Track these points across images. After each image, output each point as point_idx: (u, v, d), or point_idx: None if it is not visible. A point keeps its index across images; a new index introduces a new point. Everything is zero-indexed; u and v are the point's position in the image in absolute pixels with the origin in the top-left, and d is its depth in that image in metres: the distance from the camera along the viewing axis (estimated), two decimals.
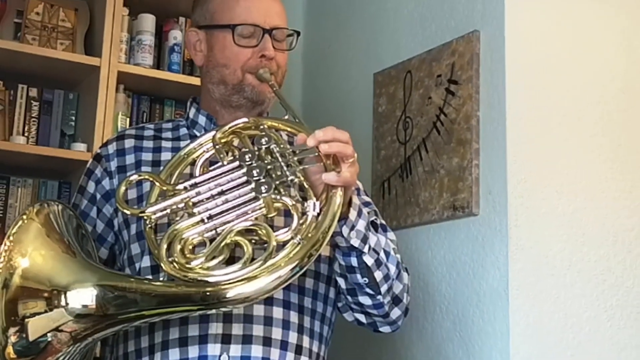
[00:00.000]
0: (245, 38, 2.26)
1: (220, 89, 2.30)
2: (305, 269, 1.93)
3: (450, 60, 2.98)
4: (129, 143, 2.33)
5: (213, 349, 2.10)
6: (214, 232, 1.98)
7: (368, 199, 2.38)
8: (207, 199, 2.01)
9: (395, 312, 2.25)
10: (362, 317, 2.29)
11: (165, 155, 2.28)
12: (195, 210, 2.00)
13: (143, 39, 3.56)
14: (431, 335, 2.89)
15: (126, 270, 2.22)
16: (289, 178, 1.97)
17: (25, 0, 3.45)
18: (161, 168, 2.18)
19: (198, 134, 2.29)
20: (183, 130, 2.37)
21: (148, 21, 3.60)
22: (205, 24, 2.33)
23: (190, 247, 1.98)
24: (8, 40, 3.38)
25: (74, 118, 3.52)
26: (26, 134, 3.44)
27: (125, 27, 3.54)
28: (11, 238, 1.95)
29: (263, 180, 1.97)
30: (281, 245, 1.94)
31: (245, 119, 2.13)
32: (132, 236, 2.22)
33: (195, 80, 3.49)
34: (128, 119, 3.55)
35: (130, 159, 2.30)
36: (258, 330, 2.12)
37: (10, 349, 1.91)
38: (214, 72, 2.31)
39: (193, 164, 2.12)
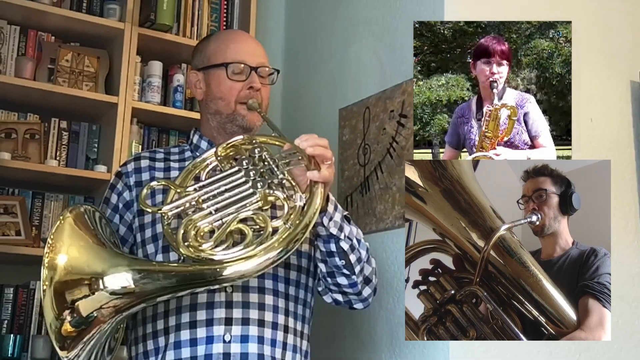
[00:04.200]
0: (236, 74, 2.30)
1: (217, 118, 2.33)
2: (290, 252, 1.96)
3: (401, 98, 3.00)
4: (144, 163, 2.35)
5: (218, 329, 2.13)
6: (220, 221, 2.01)
7: (338, 205, 2.42)
8: (214, 196, 2.03)
9: (367, 291, 2.29)
10: (339, 297, 2.32)
11: (174, 174, 2.31)
12: (204, 205, 2.02)
13: (152, 81, 3.56)
14: (385, 320, 2.90)
15: None
16: (279, 177, 2.02)
17: (57, 49, 3.46)
18: None
19: None
20: (187, 154, 2.39)
21: (156, 67, 3.60)
22: (203, 66, 2.36)
23: (202, 233, 2.01)
24: (43, 82, 3.38)
25: (96, 145, 3.52)
26: (58, 158, 3.44)
27: (138, 71, 3.54)
28: (52, 237, 1.97)
29: (259, 178, 2.01)
30: (274, 232, 1.98)
31: (241, 137, 2.16)
32: (147, 238, 2.24)
33: (195, 115, 3.54)
34: (140, 146, 3.55)
35: (145, 175, 2.32)
36: (254, 314, 2.16)
37: (67, 326, 1.92)
38: (212, 105, 2.34)
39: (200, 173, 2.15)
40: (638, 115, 3.21)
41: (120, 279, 1.96)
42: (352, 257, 2.18)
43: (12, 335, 3.16)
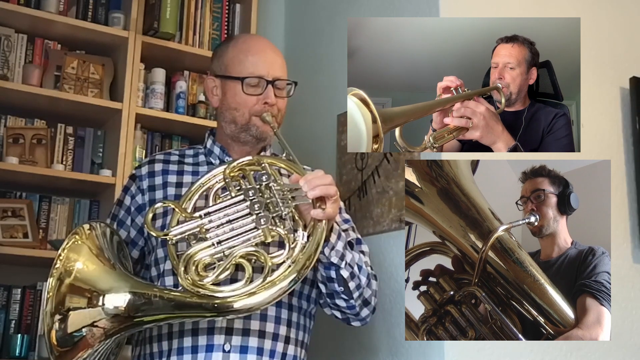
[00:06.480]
0: (252, 87, 2.24)
1: (231, 127, 2.28)
2: (298, 282, 1.95)
3: None
4: (158, 166, 2.32)
5: (219, 339, 2.11)
6: (221, 254, 1.98)
7: (347, 216, 2.39)
8: (217, 226, 2.00)
9: (365, 312, 2.27)
10: (338, 314, 2.29)
11: (187, 178, 2.29)
12: (208, 235, 1.99)
13: (156, 87, 3.55)
14: (382, 321, 2.89)
15: (152, 269, 2.22)
16: (284, 212, 1.98)
17: (63, 57, 3.45)
18: (183, 189, 2.19)
19: (213, 161, 2.30)
20: (201, 157, 2.36)
21: (159, 74, 3.59)
22: (221, 74, 2.31)
23: (202, 266, 1.98)
24: (49, 89, 3.37)
25: (101, 150, 3.50)
26: (64, 163, 3.43)
27: (141, 78, 3.52)
28: (66, 250, 1.96)
29: (262, 213, 1.97)
30: (276, 266, 1.95)
31: (250, 157, 2.11)
32: (158, 243, 2.22)
33: (197, 120, 3.57)
34: (144, 151, 3.54)
35: (158, 180, 2.29)
36: (255, 324, 2.14)
37: (53, 335, 1.91)
38: (227, 113, 2.29)
39: (208, 191, 2.11)
40: (629, 120, 3.21)
41: (120, 299, 1.95)
42: (352, 285, 2.16)
43: (19, 335, 3.16)
